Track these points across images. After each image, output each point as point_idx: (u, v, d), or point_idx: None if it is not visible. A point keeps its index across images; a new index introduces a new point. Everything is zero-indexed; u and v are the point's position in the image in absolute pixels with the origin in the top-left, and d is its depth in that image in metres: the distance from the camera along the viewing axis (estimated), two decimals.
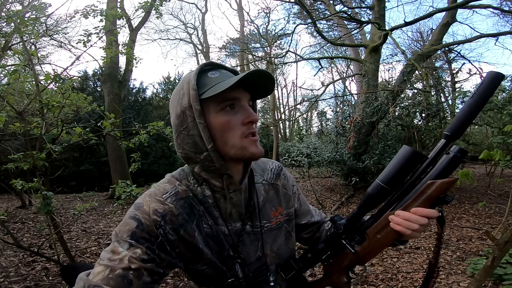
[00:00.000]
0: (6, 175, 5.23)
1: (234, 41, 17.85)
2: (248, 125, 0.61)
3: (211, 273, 0.65)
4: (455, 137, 0.56)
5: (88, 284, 0.50)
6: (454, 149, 0.56)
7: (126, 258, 0.53)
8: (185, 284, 2.75)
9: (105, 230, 4.49)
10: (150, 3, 3.57)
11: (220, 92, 0.56)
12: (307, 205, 0.86)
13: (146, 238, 0.56)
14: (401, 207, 0.60)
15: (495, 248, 1.66)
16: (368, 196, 0.64)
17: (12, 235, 2.45)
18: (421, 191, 0.57)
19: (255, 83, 0.61)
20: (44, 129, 2.43)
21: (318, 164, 7.34)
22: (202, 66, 0.64)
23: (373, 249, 0.65)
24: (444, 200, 0.57)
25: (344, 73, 18.42)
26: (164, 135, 3.38)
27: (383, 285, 2.69)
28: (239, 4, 16.19)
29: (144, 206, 0.59)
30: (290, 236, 0.78)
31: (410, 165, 0.60)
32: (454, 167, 0.56)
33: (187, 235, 0.61)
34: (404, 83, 6.21)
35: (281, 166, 0.82)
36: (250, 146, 0.61)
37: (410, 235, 0.59)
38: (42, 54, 7.61)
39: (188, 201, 0.63)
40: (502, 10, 6.73)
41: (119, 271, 0.51)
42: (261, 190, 0.74)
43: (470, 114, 0.55)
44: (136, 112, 10.84)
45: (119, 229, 0.57)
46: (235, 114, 0.61)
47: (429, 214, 0.56)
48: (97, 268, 0.52)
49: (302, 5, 6.30)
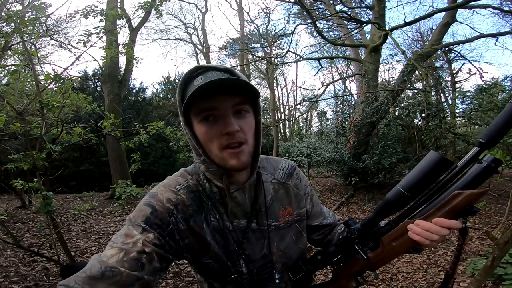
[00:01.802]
0: (6, 175, 5.24)
1: (234, 41, 17.82)
2: (227, 136, 0.58)
3: (216, 267, 0.66)
4: (490, 145, 0.51)
5: (105, 266, 0.51)
6: (487, 158, 0.51)
7: (140, 241, 0.55)
8: (185, 284, 2.75)
9: (105, 230, 4.49)
10: (150, 3, 3.57)
11: (196, 102, 0.56)
12: (320, 206, 0.85)
13: (159, 224, 0.59)
14: (422, 216, 0.57)
15: (495, 248, 1.66)
16: (386, 202, 0.60)
17: (12, 235, 2.45)
18: (446, 201, 0.54)
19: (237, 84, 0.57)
20: (44, 129, 2.42)
21: (318, 164, 7.35)
22: (188, 73, 0.62)
23: (386, 256, 0.63)
24: (470, 211, 0.53)
25: (344, 73, 18.40)
26: (164, 135, 3.38)
27: (383, 285, 2.68)
28: (239, 4, 16.18)
29: (159, 194, 0.63)
30: (301, 236, 0.77)
31: (436, 172, 0.55)
32: (486, 177, 0.52)
33: (196, 226, 0.63)
34: (404, 83, 6.20)
35: (295, 166, 0.82)
36: (230, 158, 0.59)
37: (428, 245, 0.57)
38: (42, 54, 7.60)
39: (197, 195, 0.65)
40: (502, 10, 6.73)
41: (133, 254, 0.53)
42: (270, 189, 0.73)
43: (511, 121, 0.49)
44: (136, 112, 10.84)
45: (133, 215, 0.60)
46: (214, 124, 0.59)
47: (451, 226, 0.54)
48: (110, 251, 0.54)
49: (302, 5, 6.30)
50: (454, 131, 6.50)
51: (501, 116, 0.51)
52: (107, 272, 0.50)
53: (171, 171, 0.74)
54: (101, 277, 0.50)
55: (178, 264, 3.17)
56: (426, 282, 2.70)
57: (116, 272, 0.50)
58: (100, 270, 0.50)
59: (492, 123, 0.52)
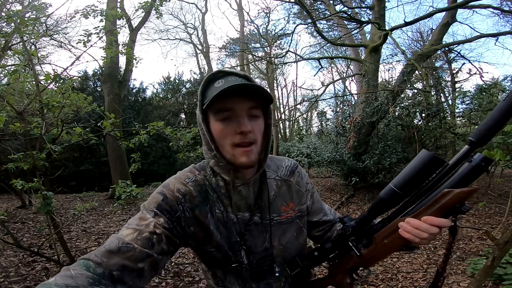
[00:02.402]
0: (6, 175, 5.24)
1: (234, 41, 17.82)
2: (240, 135, 0.64)
3: (219, 256, 0.71)
4: (480, 144, 0.51)
5: (122, 241, 0.58)
6: (477, 157, 0.52)
7: (152, 224, 0.62)
8: (185, 284, 2.75)
9: (105, 230, 4.49)
10: (150, 3, 3.57)
11: (213, 102, 0.62)
12: (321, 203, 0.88)
13: (168, 211, 0.66)
14: (412, 214, 0.58)
15: (495, 248, 1.66)
16: (380, 200, 0.62)
17: (12, 235, 2.46)
18: (435, 199, 0.55)
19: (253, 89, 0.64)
20: (44, 129, 2.43)
21: (318, 164, 7.35)
22: (211, 75, 0.69)
23: (378, 253, 0.65)
24: (460, 210, 0.53)
25: (344, 73, 18.40)
26: (164, 135, 3.38)
27: (383, 285, 2.69)
28: (239, 4, 16.18)
29: (170, 185, 0.70)
30: (301, 231, 0.81)
31: (427, 171, 0.56)
32: (476, 176, 0.52)
33: (201, 216, 0.69)
34: (404, 83, 6.20)
35: (297, 164, 0.87)
36: (240, 155, 0.66)
37: (419, 243, 0.59)
38: (42, 54, 7.59)
39: (204, 188, 0.72)
40: (502, 10, 6.74)
41: (146, 234, 0.60)
42: (273, 185, 0.78)
43: (501, 120, 0.50)
44: (136, 112, 10.84)
45: (147, 202, 0.68)
46: (229, 123, 0.65)
47: (440, 224, 0.55)
48: (126, 231, 0.61)
49: (302, 5, 6.30)
50: (454, 131, 6.50)
51: (492, 115, 0.51)
52: (123, 247, 0.57)
53: (171, 171, 0.75)
54: (117, 251, 0.56)
55: (178, 264, 3.17)
56: (426, 282, 2.70)
57: (130, 247, 0.57)
58: (117, 245, 0.57)
59: (483, 122, 0.53)
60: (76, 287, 0.47)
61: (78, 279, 0.49)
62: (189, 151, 3.69)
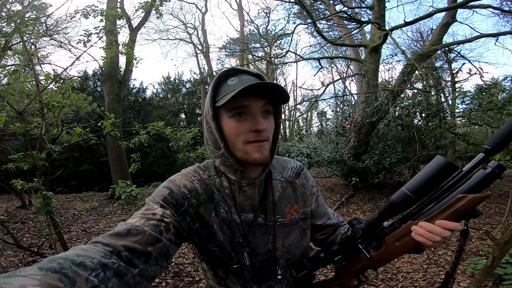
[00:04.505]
0: (6, 175, 5.24)
1: (234, 41, 17.82)
2: (254, 133, 0.64)
3: (221, 256, 0.70)
4: (495, 152, 0.53)
5: (131, 225, 0.56)
6: (492, 164, 0.53)
7: (159, 213, 0.60)
8: (185, 284, 2.75)
9: (105, 230, 4.49)
10: (150, 3, 3.58)
11: (230, 99, 0.61)
12: (325, 207, 0.88)
13: (174, 204, 0.65)
14: (425, 217, 0.59)
15: (495, 248, 1.66)
16: (391, 204, 0.62)
17: (12, 235, 2.46)
18: (449, 203, 0.56)
19: (272, 89, 0.64)
20: (44, 129, 2.43)
21: (318, 164, 7.34)
22: (223, 73, 0.69)
23: (389, 256, 0.65)
24: (472, 214, 0.55)
25: (344, 73, 18.37)
26: (164, 135, 3.38)
27: (383, 285, 2.69)
28: (239, 4, 16.18)
29: (176, 180, 0.69)
30: (305, 234, 0.80)
31: (441, 176, 0.57)
32: (489, 182, 0.54)
33: (205, 214, 0.68)
34: (404, 83, 6.20)
35: (303, 166, 0.87)
36: (253, 152, 0.65)
37: (430, 246, 0.59)
38: (42, 54, 7.61)
39: (209, 187, 0.71)
40: (502, 10, 6.73)
41: (153, 221, 0.58)
42: (278, 186, 0.77)
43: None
44: (136, 112, 10.85)
45: (152, 195, 0.67)
46: (243, 121, 0.65)
47: (453, 227, 0.56)
48: (133, 219, 0.59)
49: (302, 5, 6.30)
50: (454, 131, 6.50)
51: (507, 125, 0.52)
52: (132, 230, 0.55)
53: (171, 171, 0.75)
54: (126, 234, 0.54)
55: (178, 264, 3.17)
56: (426, 282, 2.70)
57: (140, 230, 0.55)
58: (126, 228, 0.55)
59: (498, 131, 0.54)
60: (87, 256, 0.44)
61: (89, 251, 0.47)
62: (189, 151, 3.68)
